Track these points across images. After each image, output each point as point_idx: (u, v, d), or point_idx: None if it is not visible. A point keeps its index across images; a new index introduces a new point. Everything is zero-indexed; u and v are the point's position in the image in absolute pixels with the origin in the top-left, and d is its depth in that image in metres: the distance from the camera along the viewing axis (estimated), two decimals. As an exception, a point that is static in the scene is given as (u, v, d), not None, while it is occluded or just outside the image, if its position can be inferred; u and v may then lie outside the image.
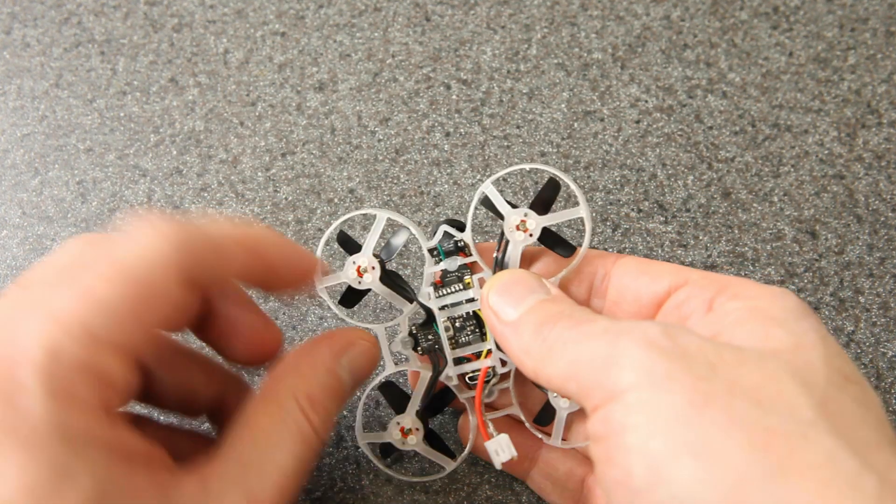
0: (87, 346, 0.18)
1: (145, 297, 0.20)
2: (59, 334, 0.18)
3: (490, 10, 0.40)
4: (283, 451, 0.22)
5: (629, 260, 0.26)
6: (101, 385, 0.19)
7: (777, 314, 0.20)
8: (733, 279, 0.22)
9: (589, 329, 0.21)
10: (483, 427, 0.26)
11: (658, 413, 0.18)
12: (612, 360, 0.19)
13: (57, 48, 0.40)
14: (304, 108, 0.38)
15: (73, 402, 0.18)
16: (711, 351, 0.19)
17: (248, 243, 0.23)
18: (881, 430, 0.18)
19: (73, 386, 0.18)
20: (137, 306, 0.20)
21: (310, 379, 0.23)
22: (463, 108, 0.38)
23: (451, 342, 0.27)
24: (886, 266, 0.34)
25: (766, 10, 0.40)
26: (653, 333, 0.19)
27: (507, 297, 0.24)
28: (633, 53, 0.39)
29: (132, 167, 0.37)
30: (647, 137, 0.37)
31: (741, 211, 0.35)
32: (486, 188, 0.27)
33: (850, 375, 0.19)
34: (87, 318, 0.19)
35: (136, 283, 0.20)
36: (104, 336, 0.19)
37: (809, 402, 0.17)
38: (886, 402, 0.32)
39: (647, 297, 0.24)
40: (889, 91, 0.38)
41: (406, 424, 0.28)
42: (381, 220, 0.27)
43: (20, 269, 0.35)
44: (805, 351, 0.19)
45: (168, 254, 0.20)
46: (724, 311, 0.21)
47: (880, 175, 0.36)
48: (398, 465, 0.31)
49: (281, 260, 0.24)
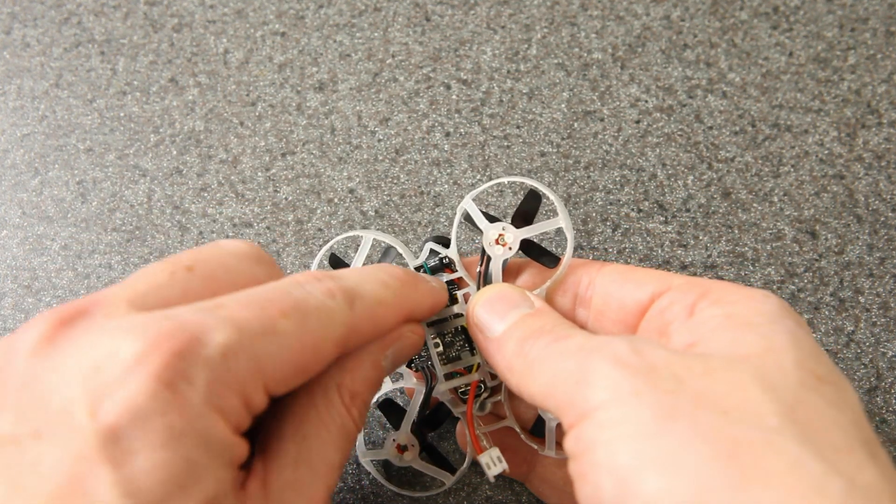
0: (252, 369, 0.19)
1: (311, 347, 0.20)
2: (235, 344, 0.18)
3: (490, 10, 0.40)
4: (330, 447, 0.22)
5: (613, 268, 0.25)
6: (244, 408, 0.19)
7: (752, 318, 0.20)
8: (716, 284, 0.22)
9: (565, 346, 0.21)
10: (476, 441, 0.26)
11: (625, 429, 0.18)
12: (584, 379, 0.19)
13: (57, 48, 0.40)
14: (304, 108, 0.38)
15: (220, 413, 0.18)
16: (678, 363, 0.19)
17: (400, 306, 0.23)
18: (855, 431, 0.18)
19: (227, 398, 0.18)
20: (302, 352, 0.20)
21: (354, 373, 0.23)
22: (463, 108, 0.38)
23: (441, 358, 0.27)
24: (886, 266, 0.34)
25: (766, 10, 0.40)
26: (621, 350, 0.20)
27: (491, 314, 0.24)
28: (633, 53, 0.39)
29: (132, 167, 0.37)
30: (647, 137, 0.37)
31: (741, 211, 0.35)
32: (465, 204, 0.27)
33: (824, 376, 0.19)
34: (260, 342, 0.19)
35: (307, 330, 0.20)
36: (265, 367, 0.19)
37: (776, 409, 0.17)
38: (886, 402, 0.32)
39: (632, 305, 0.24)
40: (889, 91, 0.38)
41: (401, 441, 0.28)
42: (368, 241, 0.27)
43: (20, 269, 0.35)
44: (775, 354, 0.19)
45: (339, 317, 0.21)
46: (703, 318, 0.21)
47: (880, 175, 0.36)
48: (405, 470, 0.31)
49: (422, 315, 0.25)
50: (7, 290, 0.35)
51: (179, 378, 0.17)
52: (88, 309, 0.19)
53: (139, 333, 0.18)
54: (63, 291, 0.34)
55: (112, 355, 0.17)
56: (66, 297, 0.34)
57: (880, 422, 0.31)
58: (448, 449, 0.31)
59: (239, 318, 0.19)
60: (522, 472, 0.29)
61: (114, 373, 0.17)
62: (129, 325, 0.18)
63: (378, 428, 0.31)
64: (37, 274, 0.35)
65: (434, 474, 0.29)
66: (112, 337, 0.18)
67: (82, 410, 0.17)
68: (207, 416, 0.18)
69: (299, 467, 0.21)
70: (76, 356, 0.18)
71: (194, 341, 0.18)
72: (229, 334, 0.18)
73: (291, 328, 0.20)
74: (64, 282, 0.35)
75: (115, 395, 0.17)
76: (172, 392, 0.17)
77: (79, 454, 0.17)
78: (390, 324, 0.23)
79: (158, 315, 0.19)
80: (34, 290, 0.35)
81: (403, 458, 0.28)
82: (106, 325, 0.19)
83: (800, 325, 0.21)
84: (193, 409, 0.17)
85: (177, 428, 0.17)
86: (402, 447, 0.28)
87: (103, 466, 0.16)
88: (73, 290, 0.34)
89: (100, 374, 0.17)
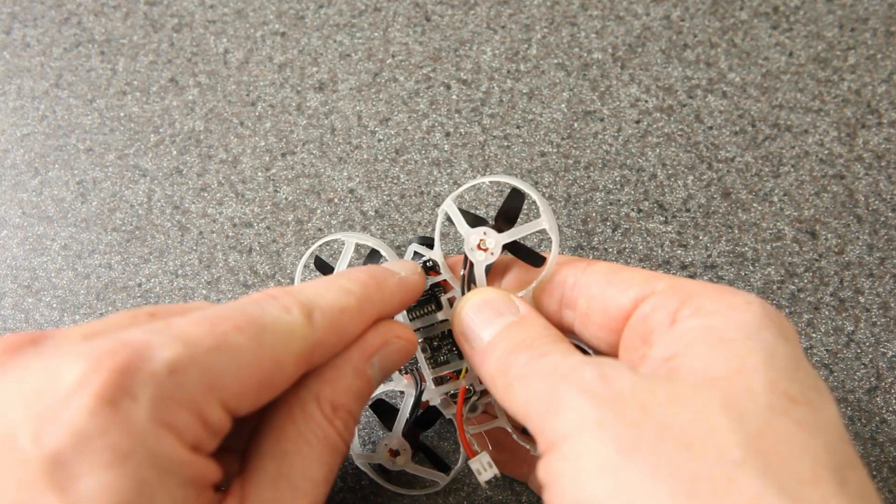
0: (204, 385, 0.18)
1: (269, 362, 0.20)
2: (185, 360, 0.18)
3: (490, 10, 0.40)
4: (312, 462, 0.21)
5: (598, 268, 0.25)
6: (200, 425, 0.18)
7: (728, 333, 0.20)
8: (698, 288, 0.22)
9: (541, 367, 0.21)
10: (467, 446, 0.26)
11: (589, 462, 0.18)
12: (552, 407, 0.19)
13: (57, 48, 0.40)
14: (304, 108, 0.38)
15: (170, 430, 0.18)
16: (645, 390, 0.19)
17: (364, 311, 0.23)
18: (825, 457, 0.17)
19: (178, 415, 0.18)
20: (260, 367, 0.19)
21: (334, 383, 0.23)
22: (463, 108, 0.38)
23: (429, 363, 0.27)
24: (886, 266, 0.34)
25: (766, 10, 0.40)
26: (588, 377, 0.19)
27: (475, 323, 0.24)
28: (633, 53, 0.39)
29: (132, 167, 0.37)
30: (647, 137, 0.37)
31: (741, 211, 0.35)
32: (446, 206, 0.26)
33: (798, 396, 0.18)
34: (213, 358, 0.18)
35: (263, 345, 0.20)
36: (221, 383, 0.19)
37: (739, 439, 0.17)
38: (886, 402, 0.32)
39: (614, 311, 0.23)
40: (889, 91, 0.38)
41: (393, 446, 0.28)
42: (350, 245, 0.27)
43: (20, 269, 0.35)
44: (746, 376, 0.18)
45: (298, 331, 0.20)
46: (682, 329, 0.21)
47: (880, 175, 0.36)
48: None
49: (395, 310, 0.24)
50: (7, 290, 0.35)
51: (121, 395, 0.17)
52: (38, 339, 0.19)
53: (83, 356, 0.17)
54: (63, 291, 0.34)
55: (55, 379, 0.17)
56: (67, 297, 0.34)
57: (880, 422, 0.31)
58: (448, 449, 0.31)
59: (189, 334, 0.18)
60: (523, 471, 0.29)
61: (56, 396, 0.17)
62: (74, 351, 0.18)
63: (378, 428, 0.31)
64: (37, 274, 0.35)
65: (427, 476, 0.28)
66: (57, 362, 0.18)
67: (26, 436, 0.17)
68: (156, 434, 0.17)
69: (279, 485, 0.21)
70: (20, 382, 0.17)
71: (138, 357, 0.17)
72: (177, 350, 0.18)
73: (246, 343, 0.19)
74: (64, 282, 0.35)
75: (57, 418, 0.17)
76: (114, 409, 0.17)
77: (23, 481, 0.16)
78: (357, 329, 0.23)
79: (104, 338, 0.18)
80: (34, 290, 0.35)
81: (396, 462, 0.28)
82: (53, 352, 0.18)
83: (780, 336, 0.20)
84: (139, 427, 0.17)
85: (122, 447, 0.17)
86: (395, 451, 0.28)
87: (49, 493, 0.16)
88: (72, 290, 0.34)
89: (42, 399, 0.17)
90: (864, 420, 0.31)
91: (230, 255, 0.35)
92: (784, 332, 0.20)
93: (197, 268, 0.35)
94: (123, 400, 0.17)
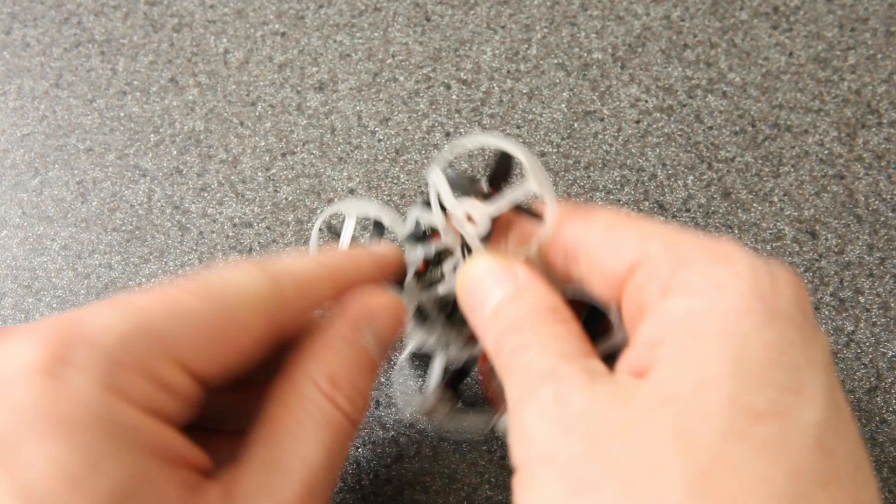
0: (155, 347, 0.18)
1: (228, 321, 0.19)
2: (132, 326, 0.18)
3: (490, 10, 0.40)
4: (309, 445, 0.20)
5: (597, 224, 0.23)
6: (156, 388, 0.18)
7: (703, 326, 0.18)
8: (691, 252, 0.20)
9: (517, 363, 0.20)
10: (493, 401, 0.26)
11: (537, 498, 0.17)
12: (514, 429, 0.19)
13: (57, 48, 0.40)
14: (304, 108, 0.38)
15: (120, 394, 0.17)
16: (598, 416, 0.17)
17: (332, 277, 0.23)
18: (785, 484, 0.15)
19: (127, 379, 0.18)
20: (217, 327, 0.19)
21: (327, 357, 0.22)
22: (463, 108, 0.38)
23: (450, 325, 0.27)
24: (886, 266, 0.34)
25: (766, 10, 0.40)
26: (545, 399, 0.18)
27: (473, 299, 0.23)
28: (633, 53, 0.39)
29: (132, 167, 0.37)
30: (647, 137, 0.37)
31: (741, 211, 0.35)
32: (434, 176, 0.24)
33: (765, 408, 0.16)
34: (164, 321, 0.18)
35: (220, 305, 0.19)
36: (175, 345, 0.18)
37: (684, 477, 0.15)
38: (886, 402, 0.32)
39: (611, 276, 0.22)
40: (889, 91, 0.38)
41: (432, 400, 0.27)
42: (353, 215, 0.27)
43: (20, 269, 0.35)
44: (705, 393, 0.17)
45: (257, 289, 0.20)
46: (668, 311, 0.19)
47: (880, 175, 0.36)
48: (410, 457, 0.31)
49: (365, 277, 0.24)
50: (7, 290, 0.35)
51: (62, 365, 0.17)
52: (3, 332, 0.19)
53: (28, 335, 0.18)
54: (63, 291, 0.35)
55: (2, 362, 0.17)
56: (67, 297, 0.34)
57: (880, 422, 0.31)
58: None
59: (136, 302, 0.19)
60: None
61: (3, 377, 0.17)
62: (21, 333, 0.18)
63: (378, 428, 0.31)
64: (37, 274, 0.35)
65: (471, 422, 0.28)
66: (6, 346, 0.18)
67: None
68: (103, 399, 0.17)
69: (273, 472, 0.20)
70: None
71: (79, 328, 0.18)
72: (123, 317, 0.18)
73: (198, 304, 0.19)
74: (64, 282, 0.35)
75: (2, 398, 0.17)
76: (55, 380, 0.17)
77: None
78: (325, 290, 0.22)
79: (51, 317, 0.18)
80: (34, 290, 0.35)
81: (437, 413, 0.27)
82: (5, 339, 0.18)
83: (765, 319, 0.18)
84: (83, 394, 0.17)
85: (65, 417, 0.17)
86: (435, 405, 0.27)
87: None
88: (72, 290, 0.34)
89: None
90: (864, 420, 0.31)
91: (230, 255, 0.35)
92: (774, 310, 0.18)
93: (197, 268, 0.35)
94: (64, 369, 0.17)
